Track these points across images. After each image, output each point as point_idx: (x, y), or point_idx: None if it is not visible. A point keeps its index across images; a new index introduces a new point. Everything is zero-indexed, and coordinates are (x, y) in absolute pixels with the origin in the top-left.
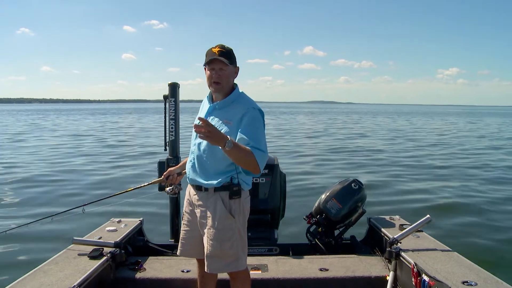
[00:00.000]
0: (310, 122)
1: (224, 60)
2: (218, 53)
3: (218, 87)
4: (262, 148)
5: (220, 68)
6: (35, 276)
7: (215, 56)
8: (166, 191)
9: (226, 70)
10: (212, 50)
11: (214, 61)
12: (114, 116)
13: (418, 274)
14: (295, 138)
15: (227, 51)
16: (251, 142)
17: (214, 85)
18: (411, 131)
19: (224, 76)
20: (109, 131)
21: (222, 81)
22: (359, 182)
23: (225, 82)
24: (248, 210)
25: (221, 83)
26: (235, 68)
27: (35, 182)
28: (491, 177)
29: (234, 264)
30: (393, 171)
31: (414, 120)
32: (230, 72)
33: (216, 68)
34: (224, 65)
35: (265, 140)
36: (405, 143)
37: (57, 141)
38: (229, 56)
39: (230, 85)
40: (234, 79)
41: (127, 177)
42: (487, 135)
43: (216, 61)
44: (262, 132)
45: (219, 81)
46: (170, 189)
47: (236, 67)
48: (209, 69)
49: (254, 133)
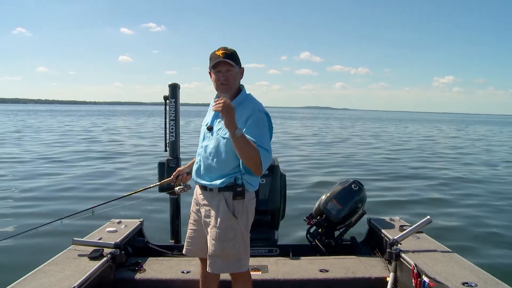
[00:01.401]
0: (308, 126)
1: (230, 61)
2: (222, 56)
3: (226, 88)
4: (267, 148)
5: (227, 69)
6: (35, 277)
7: (220, 59)
8: (176, 191)
9: (233, 71)
10: (216, 53)
11: (219, 64)
12: (111, 118)
13: (418, 275)
14: (296, 139)
15: (231, 53)
16: (256, 141)
17: (222, 87)
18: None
19: (231, 77)
20: (109, 131)
21: (230, 82)
22: (359, 183)
23: (233, 82)
24: (252, 211)
25: (229, 84)
26: (240, 69)
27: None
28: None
29: (235, 265)
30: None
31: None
32: (236, 73)
33: (222, 70)
34: (230, 66)
35: (269, 141)
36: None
37: (53, 141)
38: (233, 57)
39: (237, 86)
40: (240, 80)
41: (127, 178)
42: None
43: (221, 63)
44: (267, 133)
45: (226, 82)
46: (180, 189)
47: (241, 68)
48: (215, 72)
49: (259, 134)
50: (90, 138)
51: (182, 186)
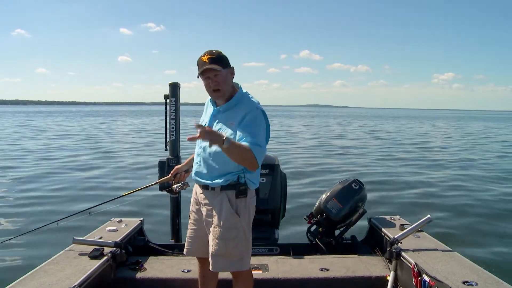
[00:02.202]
0: (309, 124)
1: (216, 67)
2: (208, 61)
3: (219, 94)
4: (259, 143)
5: (215, 74)
6: (35, 276)
7: (206, 66)
8: (174, 189)
9: (221, 75)
10: (202, 59)
11: (207, 71)
12: (110, 118)
13: (419, 274)
14: (295, 138)
15: (217, 56)
16: (248, 137)
17: (214, 93)
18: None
19: (221, 81)
20: (108, 131)
21: (221, 86)
22: (359, 182)
23: (224, 86)
24: (253, 209)
25: (220, 89)
26: (229, 69)
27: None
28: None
29: (238, 263)
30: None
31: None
32: (225, 75)
33: (211, 76)
34: (217, 71)
35: (263, 136)
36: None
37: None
38: (219, 60)
39: (230, 87)
40: (232, 79)
41: (125, 178)
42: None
43: (208, 70)
44: (262, 129)
45: (218, 87)
46: (178, 187)
47: (231, 68)
48: (204, 79)
49: (253, 130)
50: (90, 137)
51: (180, 184)
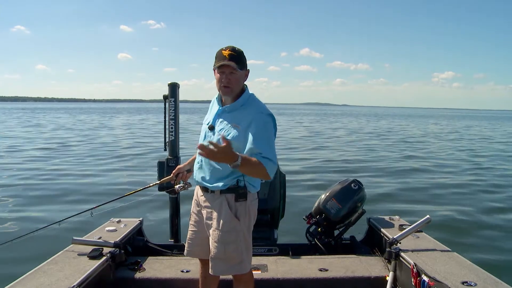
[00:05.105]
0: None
1: (235, 65)
2: (228, 57)
3: (228, 91)
4: (271, 157)
5: (231, 72)
6: (34, 276)
7: (225, 62)
8: (176, 189)
9: (236, 74)
10: (223, 53)
11: (224, 66)
12: (112, 116)
13: (418, 275)
14: (295, 138)
15: (238, 55)
16: (260, 152)
17: (224, 89)
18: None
19: (234, 80)
20: (107, 131)
21: (232, 85)
22: (358, 182)
23: (235, 85)
24: (255, 212)
25: (231, 87)
26: (245, 71)
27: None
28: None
29: (238, 267)
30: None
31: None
32: (240, 76)
33: (226, 72)
34: (234, 69)
35: (274, 147)
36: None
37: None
38: (239, 60)
39: (240, 88)
40: (244, 82)
41: (126, 177)
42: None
43: (226, 66)
44: (271, 139)
45: (229, 85)
46: (180, 187)
47: (247, 70)
48: (219, 72)
49: (263, 142)
50: (89, 137)
51: (182, 184)
